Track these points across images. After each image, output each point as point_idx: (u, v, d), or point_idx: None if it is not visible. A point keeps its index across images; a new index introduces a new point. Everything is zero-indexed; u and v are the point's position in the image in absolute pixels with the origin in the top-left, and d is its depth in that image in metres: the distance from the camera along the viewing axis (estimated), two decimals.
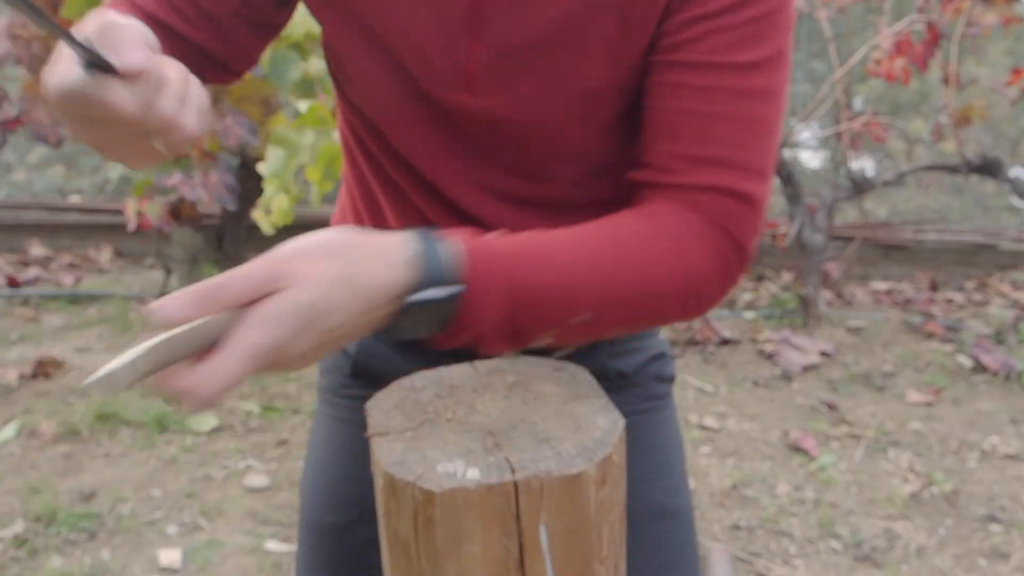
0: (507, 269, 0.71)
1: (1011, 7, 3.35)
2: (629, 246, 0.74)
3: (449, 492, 0.66)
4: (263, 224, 3.07)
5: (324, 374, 1.15)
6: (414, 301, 0.67)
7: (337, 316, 0.65)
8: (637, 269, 0.74)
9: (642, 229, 0.75)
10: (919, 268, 4.60)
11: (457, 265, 0.69)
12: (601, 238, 0.74)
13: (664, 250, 0.75)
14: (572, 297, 0.73)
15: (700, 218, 0.76)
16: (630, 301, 0.75)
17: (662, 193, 0.77)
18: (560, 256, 0.73)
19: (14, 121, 3.23)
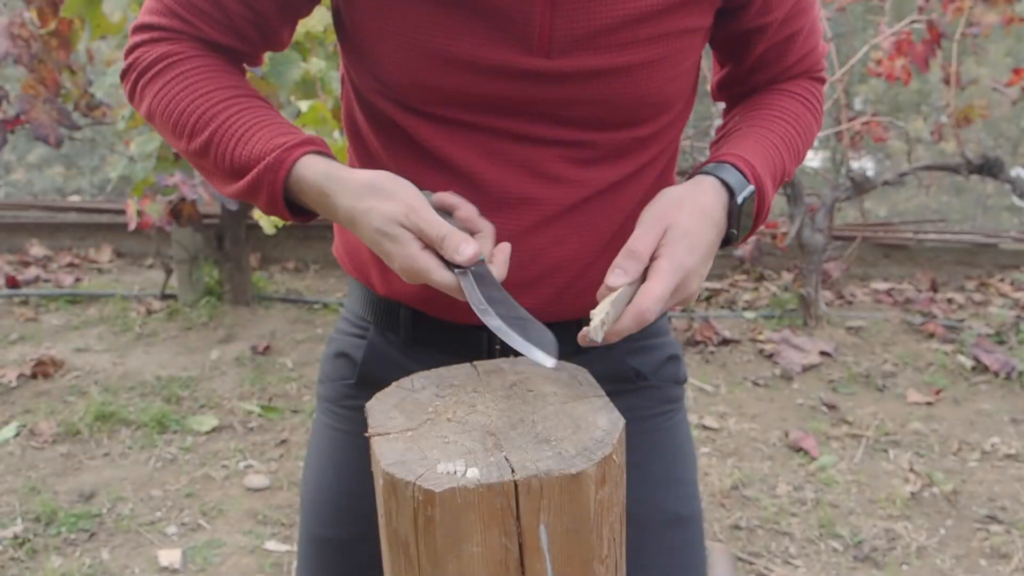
0: (763, 163, 0.97)
1: (1012, 7, 3.35)
2: (798, 117, 1.04)
3: (449, 492, 0.66)
4: (263, 224, 3.07)
5: (325, 382, 1.13)
6: (742, 201, 0.93)
7: (705, 234, 0.89)
8: (808, 131, 1.06)
9: (794, 105, 1.05)
10: (919, 268, 4.60)
11: (741, 173, 0.94)
12: (783, 120, 1.03)
13: (810, 112, 1.07)
14: (786, 165, 1.02)
15: (809, 83, 1.08)
16: (803, 154, 1.07)
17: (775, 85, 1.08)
18: (775, 145, 1.00)
19: (14, 121, 3.23)
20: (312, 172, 0.89)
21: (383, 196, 0.86)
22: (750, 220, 0.95)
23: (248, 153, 0.90)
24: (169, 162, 3.23)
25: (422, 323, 1.04)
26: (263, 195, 0.90)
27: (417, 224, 0.85)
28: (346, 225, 0.89)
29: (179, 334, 3.71)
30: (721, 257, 4.63)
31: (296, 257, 4.79)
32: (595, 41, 0.88)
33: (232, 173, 0.91)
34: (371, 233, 0.86)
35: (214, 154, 0.91)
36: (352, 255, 1.09)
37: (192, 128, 0.92)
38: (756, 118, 1.04)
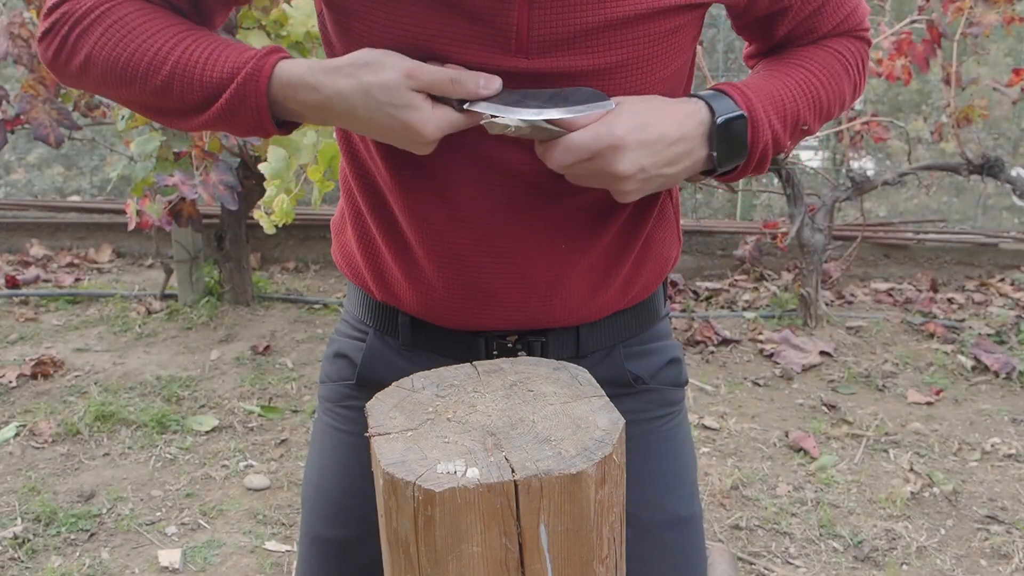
0: (763, 97, 0.93)
1: (1012, 7, 3.35)
2: (825, 66, 1.00)
3: (449, 492, 0.66)
4: (264, 223, 3.06)
5: (326, 382, 1.13)
6: (721, 120, 0.88)
7: (659, 128, 0.85)
8: (835, 82, 1.00)
9: (823, 55, 1.01)
10: (919, 268, 4.59)
11: (732, 100, 0.91)
12: (804, 67, 0.99)
13: (841, 65, 1.01)
14: (800, 110, 0.96)
15: (849, 41, 1.04)
16: (829, 105, 1.01)
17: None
18: (787, 87, 0.96)
19: (14, 121, 3.23)
20: (295, 70, 0.87)
21: (374, 69, 0.84)
22: (740, 149, 0.91)
23: (220, 73, 0.87)
24: (169, 162, 3.23)
25: (420, 329, 1.03)
26: (246, 109, 0.87)
27: (424, 78, 0.83)
28: (345, 115, 0.86)
29: (179, 334, 3.71)
30: (721, 257, 4.63)
31: (296, 257, 4.79)
32: (574, 42, 0.86)
33: (203, 101, 0.88)
34: (379, 109, 0.84)
35: (179, 87, 0.88)
36: (349, 260, 1.09)
37: (147, 68, 0.88)
38: (775, 63, 1.01)
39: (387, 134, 0.86)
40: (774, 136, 0.94)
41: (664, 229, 1.07)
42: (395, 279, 1.02)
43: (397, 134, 0.85)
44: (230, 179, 3.19)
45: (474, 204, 0.94)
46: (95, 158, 5.35)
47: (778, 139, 0.95)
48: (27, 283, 4.29)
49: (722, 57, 4.79)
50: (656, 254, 1.06)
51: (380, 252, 1.03)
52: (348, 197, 1.06)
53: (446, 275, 0.97)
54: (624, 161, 0.84)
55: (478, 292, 0.97)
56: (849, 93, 1.03)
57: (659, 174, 0.87)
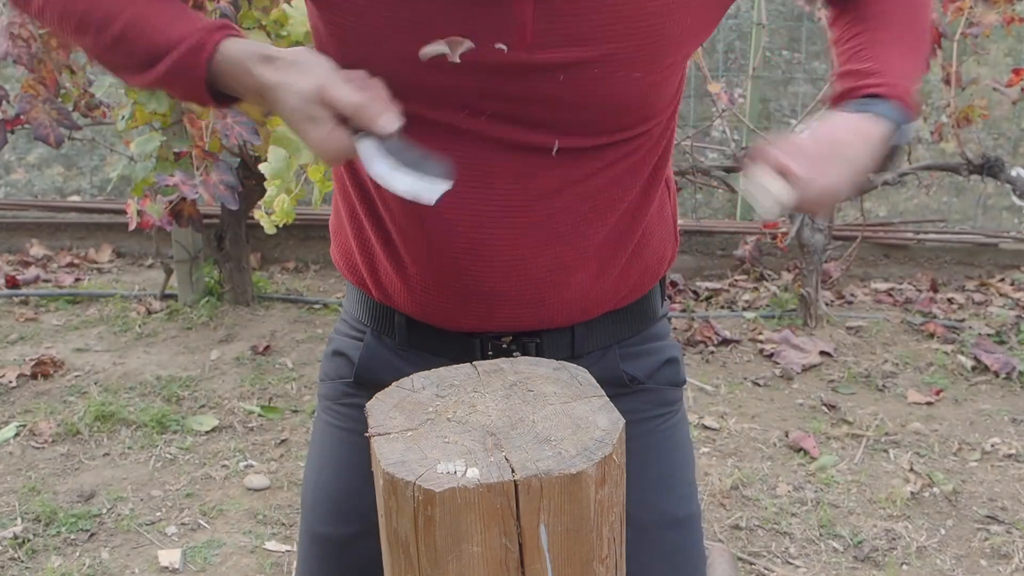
0: (907, 91, 0.98)
1: (1012, 7, 3.35)
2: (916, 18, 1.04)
3: (449, 492, 0.66)
4: (264, 223, 3.06)
5: (325, 380, 1.13)
6: (902, 140, 0.97)
7: (852, 149, 0.92)
8: (926, 26, 1.06)
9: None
10: (919, 268, 4.59)
11: (901, 109, 0.96)
12: (901, 20, 1.03)
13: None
14: (919, 73, 1.02)
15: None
16: (928, 47, 1.07)
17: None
18: (905, 56, 1.00)
19: (14, 121, 3.23)
20: (237, 51, 0.88)
21: (297, 71, 0.85)
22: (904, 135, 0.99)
23: (166, 39, 0.88)
24: (169, 162, 3.23)
25: (416, 329, 1.04)
26: (185, 78, 0.89)
27: (331, 96, 0.84)
28: (272, 104, 0.88)
29: (179, 334, 3.71)
30: (721, 257, 4.63)
31: (296, 257, 4.79)
32: (579, 34, 0.86)
33: (148, 60, 0.90)
34: (289, 111, 0.86)
35: (128, 44, 0.90)
36: (347, 260, 1.09)
37: (102, 20, 0.90)
38: (887, 28, 1.03)
39: (298, 135, 0.88)
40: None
41: (660, 228, 1.07)
42: (390, 280, 1.02)
43: (302, 139, 0.87)
44: (230, 179, 3.19)
45: (467, 207, 0.94)
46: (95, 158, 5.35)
47: None
48: (27, 283, 4.29)
49: (722, 57, 4.79)
50: (651, 253, 1.06)
51: (375, 253, 1.03)
52: (344, 198, 1.06)
53: (441, 277, 0.97)
54: (824, 205, 0.93)
55: (472, 294, 0.97)
56: (930, 14, 1.09)
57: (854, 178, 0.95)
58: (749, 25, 4.79)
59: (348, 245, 1.07)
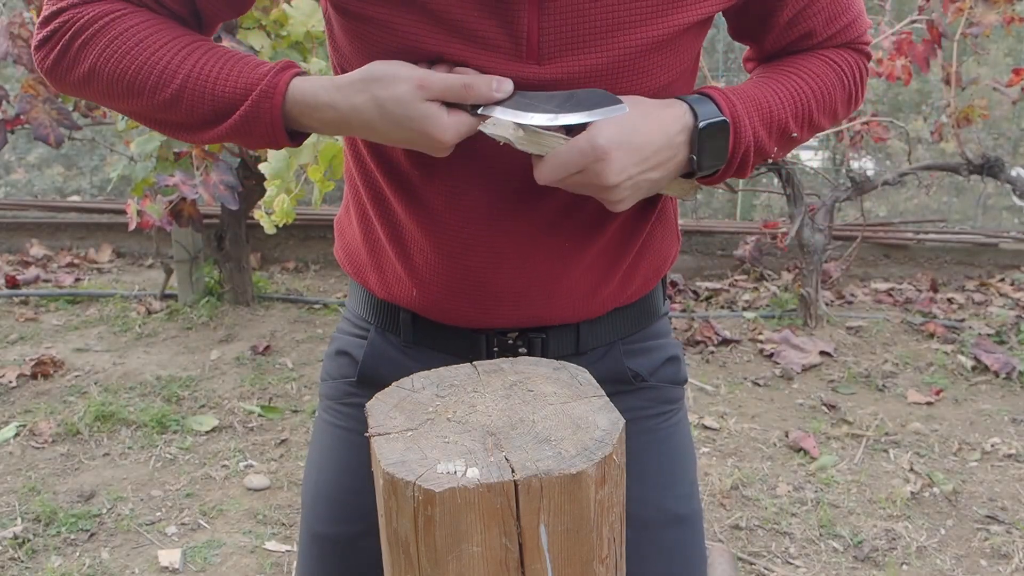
0: (748, 104, 0.93)
1: (1012, 7, 3.35)
2: (817, 75, 0.99)
3: (449, 492, 0.66)
4: (264, 223, 3.07)
5: (327, 380, 1.13)
6: (703, 125, 0.89)
7: (644, 134, 0.86)
8: (827, 91, 1.00)
9: (817, 64, 1.00)
10: (919, 268, 4.59)
11: (717, 105, 0.91)
12: (796, 75, 0.99)
13: (835, 75, 1.00)
14: (787, 118, 0.96)
15: (847, 53, 1.02)
16: (819, 116, 1.00)
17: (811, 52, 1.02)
18: (775, 93, 0.96)
19: (14, 121, 3.23)
20: (309, 88, 0.88)
21: (385, 83, 0.85)
22: (720, 153, 0.92)
23: (233, 89, 0.87)
24: (169, 162, 3.23)
25: (421, 325, 1.04)
26: (261, 125, 0.88)
27: (436, 87, 0.84)
28: (363, 128, 0.87)
29: (179, 334, 3.71)
30: (721, 257, 4.63)
31: (296, 257, 4.79)
32: (584, 46, 0.87)
33: (214, 116, 0.89)
34: (395, 122, 0.85)
35: (189, 101, 0.88)
36: (352, 257, 1.09)
37: (157, 81, 0.88)
38: (768, 69, 1.01)
39: (406, 143, 0.88)
40: (757, 142, 0.94)
41: (663, 227, 1.07)
42: (398, 276, 1.02)
43: (416, 143, 0.87)
44: (230, 179, 3.19)
45: (477, 203, 0.94)
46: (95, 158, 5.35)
47: (762, 145, 0.95)
48: (27, 283, 4.29)
49: (722, 57, 4.79)
50: (655, 251, 1.06)
51: (383, 249, 1.03)
52: (353, 194, 1.06)
53: (449, 273, 0.98)
54: (610, 172, 0.85)
55: (480, 290, 0.98)
56: (843, 104, 1.03)
57: (646, 179, 0.88)
58: None
59: (354, 242, 1.08)
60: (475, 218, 0.95)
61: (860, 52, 1.03)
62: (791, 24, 0.98)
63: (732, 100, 0.92)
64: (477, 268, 0.97)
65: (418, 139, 0.86)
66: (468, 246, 0.96)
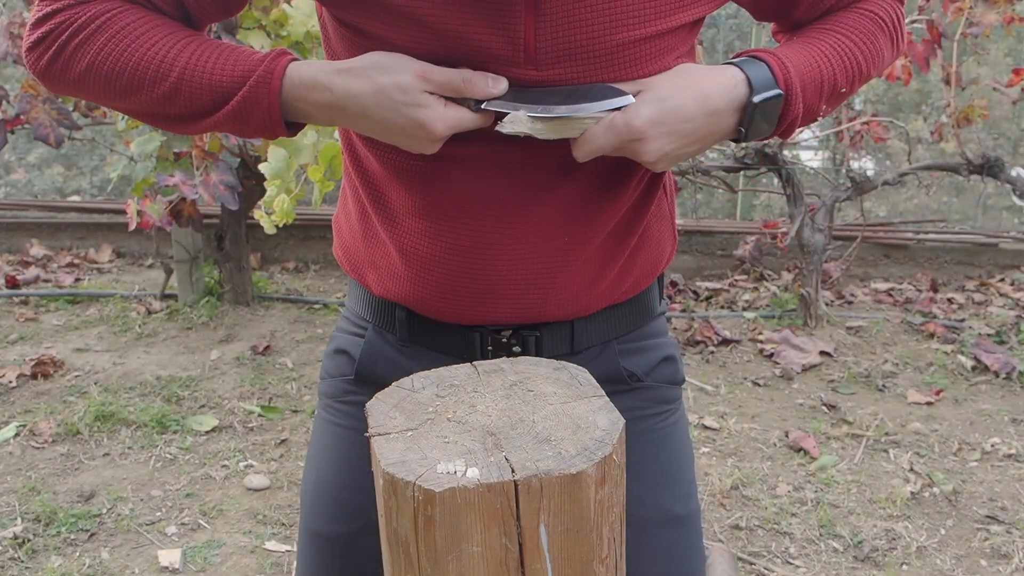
0: (802, 70, 0.93)
1: (1012, 7, 3.35)
2: (859, 29, 0.99)
3: (449, 492, 0.66)
4: (264, 223, 3.07)
5: (325, 378, 1.13)
6: (759, 100, 0.89)
7: (685, 110, 0.86)
8: (871, 43, 1.00)
9: (857, 18, 1.00)
10: (919, 268, 4.59)
11: (772, 72, 0.91)
12: (841, 34, 0.98)
13: (876, 25, 1.00)
14: (836, 76, 0.96)
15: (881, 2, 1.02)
16: (867, 66, 1.00)
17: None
18: (823, 52, 0.96)
19: (14, 121, 3.23)
20: (307, 71, 0.88)
21: (387, 70, 0.86)
22: (770, 124, 0.92)
23: (230, 76, 0.88)
24: (169, 162, 3.23)
25: (417, 323, 1.04)
26: (258, 110, 0.88)
27: (436, 80, 0.85)
28: (356, 115, 0.88)
29: (179, 334, 3.71)
30: (721, 257, 4.63)
31: (296, 257, 4.79)
32: (581, 49, 0.87)
33: (212, 104, 0.89)
34: (392, 108, 0.86)
35: (187, 92, 0.89)
36: (350, 256, 1.09)
37: (155, 75, 0.89)
38: (810, 30, 1.01)
39: (397, 134, 0.88)
40: (806, 108, 0.94)
41: (660, 225, 1.08)
42: (395, 271, 1.03)
43: (407, 132, 0.87)
44: (230, 179, 3.19)
45: (475, 199, 0.95)
46: (95, 158, 5.35)
47: (811, 109, 0.96)
48: (27, 283, 4.29)
49: (722, 57, 4.79)
50: (650, 248, 1.07)
51: (381, 243, 1.03)
52: (352, 191, 1.07)
53: (446, 268, 0.98)
54: (647, 151, 0.87)
55: (478, 285, 0.98)
56: (888, 49, 1.03)
57: (686, 152, 0.90)
58: (749, 25, 4.79)
59: (353, 240, 1.08)
60: (475, 215, 0.95)
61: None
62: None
63: (786, 66, 0.92)
64: (476, 265, 0.97)
65: (410, 128, 0.86)
66: (467, 243, 0.96)
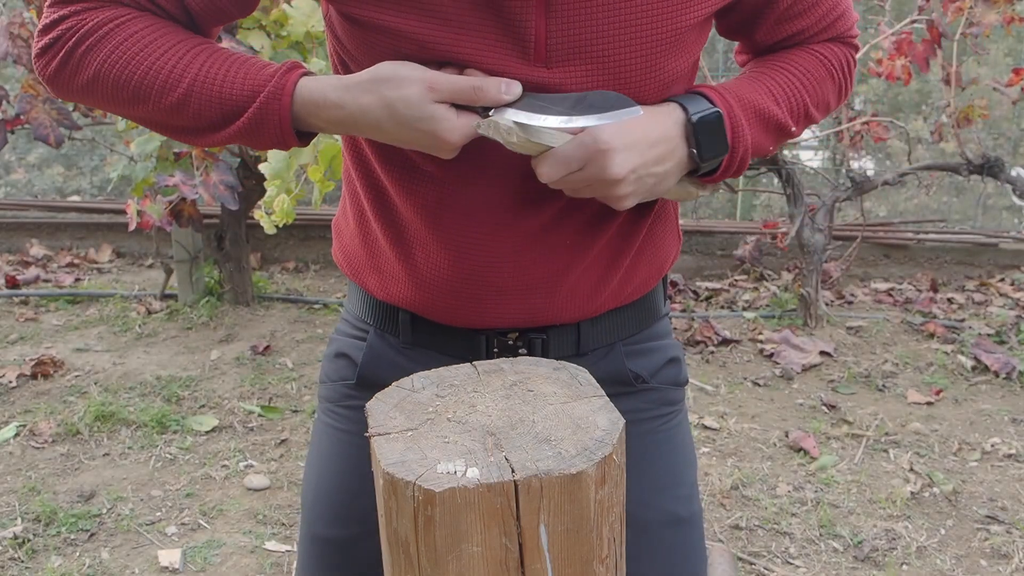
0: (742, 98, 0.94)
1: (1012, 7, 3.35)
2: (806, 69, 1.00)
3: (449, 492, 0.66)
4: (264, 223, 3.07)
5: (325, 382, 1.13)
6: (696, 119, 0.90)
7: (640, 129, 0.87)
8: (817, 85, 1.01)
9: (805, 58, 1.01)
10: (919, 268, 4.59)
11: (709, 100, 0.93)
12: (787, 71, 1.00)
13: (826, 69, 1.01)
14: (779, 111, 0.97)
15: (836, 46, 1.03)
16: (813, 109, 1.01)
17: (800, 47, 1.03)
18: (765, 87, 0.97)
19: (14, 121, 3.23)
20: (317, 88, 0.87)
21: (395, 84, 0.85)
22: (720, 146, 0.92)
23: (240, 91, 0.87)
24: (169, 162, 3.23)
25: (420, 326, 1.04)
26: (269, 126, 0.88)
27: (445, 89, 0.84)
28: (370, 128, 0.87)
29: (179, 334, 3.71)
30: (721, 257, 4.63)
31: (296, 257, 4.79)
32: (591, 49, 0.87)
33: (222, 118, 0.88)
34: (404, 123, 0.85)
35: (196, 105, 0.88)
36: (350, 259, 1.09)
37: (163, 85, 0.88)
38: (758, 65, 1.02)
39: (413, 144, 0.88)
40: (754, 136, 0.95)
41: (663, 226, 1.07)
42: (397, 276, 1.02)
43: (423, 143, 0.87)
44: (230, 179, 3.19)
45: (479, 201, 0.94)
46: (95, 158, 5.35)
47: (757, 140, 0.96)
48: (27, 283, 4.29)
49: (722, 57, 4.79)
50: (655, 250, 1.06)
51: (383, 249, 1.03)
52: (352, 194, 1.06)
53: (449, 272, 0.98)
54: (615, 165, 0.85)
55: (481, 289, 0.98)
56: (833, 96, 1.04)
57: (650, 173, 0.89)
58: None
59: (353, 243, 1.08)
60: (478, 218, 0.95)
61: (848, 44, 1.05)
62: (781, 20, 0.99)
63: (723, 94, 0.93)
64: (480, 268, 0.97)
65: (425, 140, 0.86)
66: (471, 245, 0.96)
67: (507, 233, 0.95)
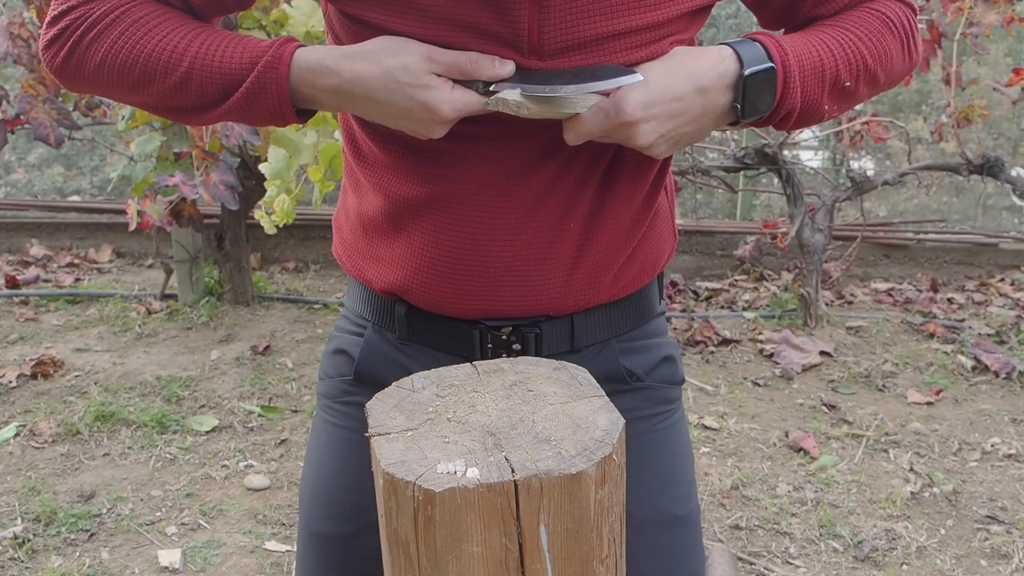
0: (798, 53, 0.91)
1: (1012, 7, 3.35)
2: (867, 28, 0.96)
3: (449, 492, 0.66)
4: (264, 223, 3.07)
5: (324, 379, 1.13)
6: (749, 73, 0.87)
7: (673, 90, 0.86)
8: (879, 43, 0.96)
9: (865, 17, 0.97)
10: (919, 268, 4.59)
11: (766, 50, 0.90)
12: (842, 27, 0.96)
13: (882, 23, 0.97)
14: (839, 69, 0.93)
15: (891, 2, 0.99)
16: (875, 65, 0.97)
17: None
18: (824, 44, 0.94)
19: (14, 121, 3.23)
20: (314, 55, 0.89)
21: (393, 52, 0.87)
22: (766, 103, 0.90)
23: (239, 63, 0.89)
24: (169, 162, 3.23)
25: (417, 320, 1.04)
26: (267, 96, 0.89)
27: (444, 60, 0.86)
28: (363, 98, 0.88)
29: (179, 334, 3.71)
30: (721, 257, 4.63)
31: (296, 257, 4.79)
32: (584, 42, 0.88)
33: (222, 92, 0.90)
34: (399, 90, 0.86)
35: (197, 82, 0.90)
36: (351, 252, 1.09)
37: (165, 66, 0.90)
38: (813, 26, 0.99)
39: (404, 117, 0.88)
40: (807, 95, 0.92)
41: (660, 223, 1.08)
42: (395, 261, 1.02)
43: (414, 115, 0.87)
44: (230, 179, 3.19)
45: (477, 185, 0.95)
46: (95, 158, 5.35)
47: (813, 100, 0.93)
48: (27, 283, 4.29)
49: None
50: (651, 247, 1.07)
51: (381, 233, 1.03)
52: (352, 182, 1.07)
53: (447, 257, 0.98)
54: (639, 135, 0.87)
55: (478, 270, 0.98)
56: (897, 51, 0.99)
57: (680, 133, 0.89)
58: (749, 25, 4.79)
59: (353, 236, 1.08)
60: (477, 205, 0.95)
61: (903, 2, 1.00)
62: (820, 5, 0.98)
63: (783, 47, 0.91)
64: (478, 255, 0.97)
65: (417, 111, 0.87)
66: (470, 232, 0.97)
67: (503, 217, 0.96)
